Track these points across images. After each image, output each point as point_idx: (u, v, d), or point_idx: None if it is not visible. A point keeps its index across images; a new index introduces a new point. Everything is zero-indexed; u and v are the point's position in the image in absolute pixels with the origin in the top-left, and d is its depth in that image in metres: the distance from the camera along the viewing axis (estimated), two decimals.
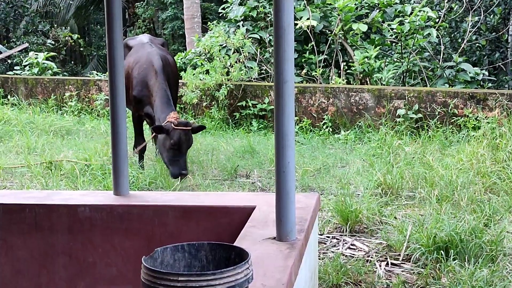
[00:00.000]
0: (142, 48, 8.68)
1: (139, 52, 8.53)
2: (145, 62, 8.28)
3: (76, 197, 4.10)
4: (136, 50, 8.66)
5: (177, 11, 22.07)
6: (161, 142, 7.61)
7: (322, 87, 10.82)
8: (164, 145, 7.53)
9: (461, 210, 6.11)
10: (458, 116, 9.72)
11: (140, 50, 8.62)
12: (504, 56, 14.21)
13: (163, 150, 7.56)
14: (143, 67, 8.24)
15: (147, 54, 8.41)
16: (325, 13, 12.77)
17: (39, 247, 3.86)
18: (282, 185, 3.19)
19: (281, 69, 3.11)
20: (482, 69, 12.04)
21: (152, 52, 8.52)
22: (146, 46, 8.75)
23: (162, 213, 3.78)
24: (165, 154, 7.53)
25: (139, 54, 8.47)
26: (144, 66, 8.24)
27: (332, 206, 6.23)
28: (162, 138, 7.56)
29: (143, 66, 8.24)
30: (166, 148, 7.52)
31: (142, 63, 8.29)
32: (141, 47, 8.71)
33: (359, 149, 9.09)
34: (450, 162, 7.62)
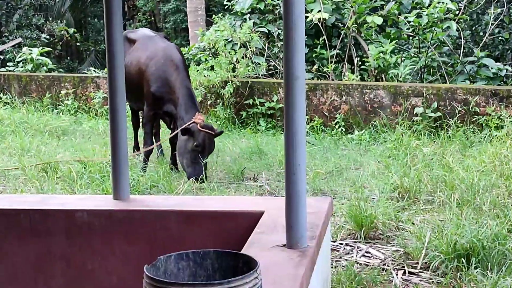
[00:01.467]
0: (151, 41, 8.69)
1: (150, 46, 8.54)
2: (162, 57, 8.32)
3: (73, 202, 4.11)
4: (144, 44, 8.66)
5: (180, 3, 22.10)
6: (183, 143, 7.80)
7: (334, 84, 10.81)
8: (186, 146, 7.75)
9: (483, 215, 6.10)
10: (480, 114, 9.70)
11: (150, 44, 8.63)
12: None
13: (185, 151, 7.77)
14: (160, 62, 8.27)
15: (163, 49, 8.45)
16: (337, 5, 12.76)
17: (35, 253, 3.87)
18: (292, 189, 3.19)
19: (291, 64, 3.11)
20: (505, 64, 12.03)
21: (170, 46, 8.63)
22: (156, 40, 8.79)
23: (165, 218, 3.78)
24: (186, 156, 7.76)
25: (152, 48, 8.50)
26: (161, 61, 8.27)
27: (346, 211, 6.23)
28: (184, 139, 7.77)
29: (160, 61, 8.28)
30: (188, 149, 7.74)
31: (159, 58, 8.32)
32: (150, 41, 8.72)
33: (374, 150, 9.08)
34: (472, 163, 7.61)
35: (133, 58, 8.57)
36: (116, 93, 4.06)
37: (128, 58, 8.53)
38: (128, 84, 8.29)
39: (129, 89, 8.42)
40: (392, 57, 11.49)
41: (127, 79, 8.18)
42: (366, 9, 12.20)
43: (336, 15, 12.63)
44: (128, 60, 8.50)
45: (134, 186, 7.21)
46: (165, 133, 10.22)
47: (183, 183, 7.52)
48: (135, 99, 8.64)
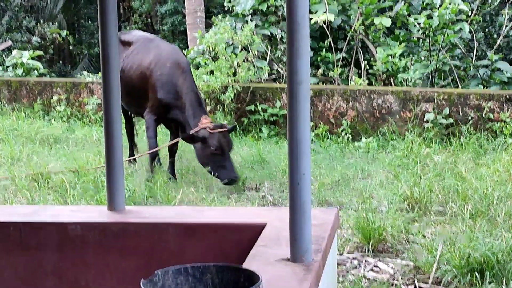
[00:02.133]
0: (152, 44, 8.71)
1: (153, 50, 8.55)
2: (168, 61, 8.35)
3: (66, 213, 4.11)
4: (145, 47, 8.66)
5: (178, 4, 22.13)
6: (200, 151, 7.91)
7: (341, 89, 10.82)
8: (205, 153, 7.85)
9: (498, 227, 6.09)
10: (494, 121, 9.70)
11: (151, 47, 8.64)
12: None
13: (205, 158, 7.89)
14: (166, 66, 8.30)
15: (168, 52, 8.49)
16: (343, 6, 12.78)
17: (26, 268, 3.87)
18: (297, 199, 3.19)
19: (295, 68, 3.11)
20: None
21: (174, 49, 8.71)
22: (157, 42, 8.83)
23: (162, 230, 3.78)
24: (209, 162, 7.87)
25: (155, 52, 8.51)
26: (167, 65, 8.30)
27: (353, 222, 6.22)
28: (200, 146, 7.88)
29: (166, 65, 8.30)
30: (208, 155, 7.84)
31: (163, 61, 8.35)
32: (151, 43, 8.74)
33: (383, 159, 9.08)
34: (485, 173, 7.60)
35: (133, 61, 8.56)
36: (111, 99, 4.06)
37: (126, 62, 8.53)
38: (126, 89, 8.37)
39: (127, 94, 8.49)
40: (401, 61, 11.49)
41: (125, 83, 8.26)
42: (374, 10, 12.21)
43: (342, 17, 12.64)
44: (126, 64, 8.51)
45: (129, 197, 7.21)
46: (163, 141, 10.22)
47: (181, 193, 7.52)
48: (135, 105, 8.65)
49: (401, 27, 12.70)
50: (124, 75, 8.32)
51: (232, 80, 11.40)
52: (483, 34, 13.49)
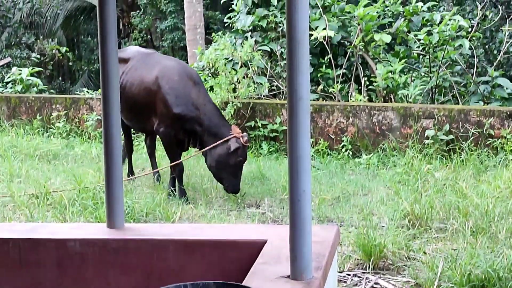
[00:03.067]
0: (151, 59, 8.71)
1: (156, 64, 8.55)
2: (176, 74, 8.35)
3: (65, 230, 4.10)
4: (144, 62, 8.64)
5: (178, 20, 22.21)
6: (222, 157, 7.98)
7: (341, 105, 10.84)
8: (227, 160, 7.94)
9: (499, 243, 6.08)
10: (495, 137, 9.71)
11: (152, 62, 8.62)
12: None
13: (226, 165, 7.96)
14: (174, 80, 8.29)
15: (174, 65, 8.51)
16: (343, 23, 12.82)
17: (25, 285, 3.86)
18: (297, 216, 3.18)
19: (295, 85, 3.12)
20: None
21: (180, 62, 8.76)
22: (156, 56, 8.85)
23: (162, 247, 3.77)
24: (228, 170, 7.98)
25: (160, 66, 8.50)
26: (175, 79, 8.30)
27: (353, 239, 6.22)
28: (224, 153, 7.96)
29: (174, 79, 8.30)
30: (231, 164, 7.96)
31: (171, 75, 8.35)
32: (149, 58, 8.74)
33: (383, 175, 9.07)
34: (486, 189, 7.60)
35: (133, 78, 8.54)
36: (111, 116, 4.06)
37: (125, 79, 8.53)
38: (128, 106, 8.39)
39: (129, 110, 8.50)
40: (402, 77, 11.51)
41: (126, 100, 8.29)
42: (374, 27, 12.25)
43: (342, 33, 12.68)
44: (126, 81, 8.50)
45: (129, 214, 7.21)
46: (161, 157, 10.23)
47: (180, 210, 7.52)
48: (138, 121, 8.64)
49: (401, 44, 12.73)
50: (124, 92, 8.33)
51: (232, 96, 11.42)
52: (483, 50, 13.53)
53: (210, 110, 8.21)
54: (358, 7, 12.53)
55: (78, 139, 12.41)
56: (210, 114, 8.17)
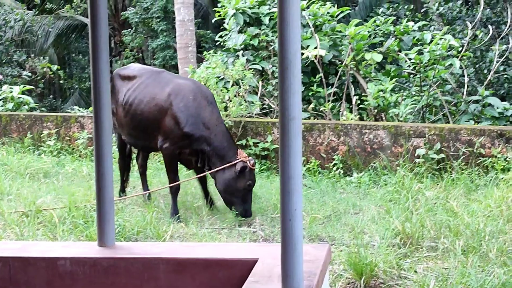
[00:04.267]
0: (163, 77, 8.70)
1: (168, 82, 8.55)
2: (190, 93, 8.36)
3: (55, 249, 4.08)
4: (156, 80, 8.61)
5: (169, 39, 22.26)
6: (231, 181, 8.09)
7: (332, 124, 10.86)
8: (237, 185, 8.05)
9: (490, 262, 6.09)
10: (485, 156, 9.73)
11: (164, 79, 8.61)
12: None
13: (235, 189, 8.08)
14: (188, 99, 8.30)
15: (189, 84, 8.54)
16: (334, 42, 12.88)
17: None
18: (288, 235, 3.18)
19: (287, 104, 3.12)
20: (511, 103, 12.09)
21: (195, 82, 8.82)
22: (168, 75, 8.88)
23: (153, 266, 3.76)
24: (238, 194, 8.10)
25: (173, 84, 8.50)
26: (190, 98, 8.31)
27: (344, 258, 6.21)
28: (232, 177, 8.06)
29: (188, 98, 8.31)
30: (240, 188, 8.06)
31: (185, 94, 8.35)
32: (159, 76, 8.73)
33: (374, 194, 9.08)
34: (477, 208, 7.61)
35: (143, 94, 8.52)
36: (102, 134, 4.05)
37: (133, 95, 8.51)
38: (134, 123, 8.41)
39: (135, 127, 8.51)
40: (392, 96, 11.55)
41: (135, 116, 8.35)
42: (365, 46, 12.31)
43: (334, 52, 12.74)
44: (134, 97, 8.49)
45: (120, 232, 7.19)
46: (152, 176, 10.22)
47: (172, 228, 7.50)
48: (144, 138, 8.61)
49: (392, 63, 12.79)
50: (131, 109, 8.38)
51: (224, 114, 11.42)
52: (474, 69, 13.59)
53: (221, 131, 8.27)
54: (349, 26, 12.60)
55: (69, 157, 12.38)
56: (220, 136, 8.24)
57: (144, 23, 23.23)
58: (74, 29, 24.76)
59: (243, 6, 13.07)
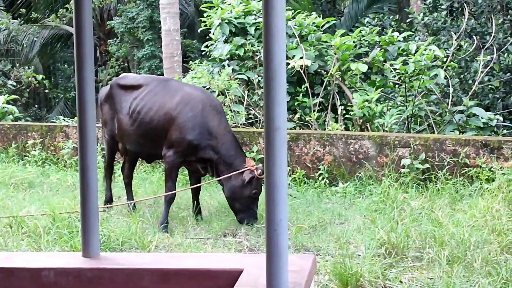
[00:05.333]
0: (172, 86, 8.73)
1: (178, 90, 8.59)
2: (199, 103, 8.41)
3: (39, 259, 4.06)
4: (164, 88, 8.63)
5: (155, 49, 22.25)
6: (238, 189, 8.21)
7: (318, 134, 10.86)
8: (243, 193, 8.16)
9: (475, 272, 6.10)
10: (470, 166, 9.76)
11: (173, 88, 8.65)
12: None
13: (241, 197, 8.21)
14: (198, 108, 8.35)
15: (199, 94, 8.57)
16: (320, 52, 12.90)
17: None
18: (274, 245, 3.18)
19: (272, 114, 3.13)
20: (496, 113, 12.14)
21: (204, 91, 8.86)
22: (178, 83, 8.92)
23: (137, 277, 3.74)
24: (243, 202, 8.23)
25: (182, 92, 8.54)
26: (199, 107, 8.36)
27: (330, 268, 6.21)
28: (240, 185, 8.19)
29: (197, 107, 8.36)
30: (245, 196, 8.19)
31: (194, 103, 8.40)
32: (168, 84, 8.76)
33: (360, 204, 9.09)
34: (462, 218, 7.63)
35: (152, 103, 8.53)
36: (87, 144, 4.04)
37: (141, 104, 8.51)
38: (141, 131, 8.44)
39: (142, 136, 8.50)
40: (378, 106, 11.57)
41: (142, 124, 8.40)
42: (350, 56, 12.34)
43: (319, 62, 12.76)
44: (142, 106, 8.50)
45: (104, 243, 7.16)
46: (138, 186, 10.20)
47: (157, 239, 7.48)
48: (150, 147, 8.63)
49: (377, 73, 12.82)
50: (139, 117, 8.41)
51: None
52: (459, 80, 13.64)
53: (228, 140, 8.38)
54: (334, 36, 12.64)
55: (53, 167, 12.33)
56: (227, 144, 8.34)
57: (130, 32, 23.21)
58: (59, 39, 24.71)
59: (229, 16, 13.08)
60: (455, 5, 15.54)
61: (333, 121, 11.87)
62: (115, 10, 24.94)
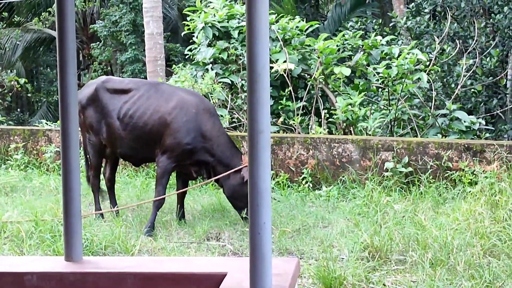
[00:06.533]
0: (166, 89, 8.73)
1: (173, 95, 8.60)
2: (194, 107, 8.47)
3: (22, 264, 4.04)
4: (157, 92, 8.64)
5: (138, 52, 22.21)
6: (238, 187, 8.33)
7: (301, 138, 10.88)
8: (242, 191, 8.23)
9: (458, 275, 6.12)
10: (453, 170, 9.80)
11: (167, 92, 8.66)
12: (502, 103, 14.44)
13: (241, 195, 8.28)
14: (191, 112, 8.40)
15: (192, 99, 8.61)
16: (303, 56, 12.92)
17: None
18: (257, 249, 3.18)
19: (256, 117, 3.13)
20: (479, 117, 12.21)
21: (198, 95, 8.93)
22: (167, 87, 8.92)
23: (121, 281, 3.73)
24: (245, 199, 8.06)
25: (177, 97, 8.56)
26: (193, 111, 8.41)
27: (313, 271, 6.21)
28: (237, 183, 8.32)
29: (191, 111, 8.41)
30: (245, 193, 8.09)
31: (188, 108, 8.44)
32: (164, 88, 8.77)
33: (343, 207, 9.10)
34: (445, 221, 7.65)
35: (146, 106, 8.53)
36: (70, 147, 4.02)
37: (133, 107, 8.48)
38: (137, 134, 8.42)
39: (136, 139, 8.48)
40: (361, 110, 11.60)
41: (135, 129, 8.40)
42: (334, 60, 12.36)
43: (302, 66, 12.78)
44: (135, 109, 8.47)
45: (87, 247, 7.13)
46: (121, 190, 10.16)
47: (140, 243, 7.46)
48: (143, 151, 8.62)
49: (361, 77, 12.85)
50: (132, 121, 8.41)
51: None
52: (441, 83, 13.70)
53: (223, 141, 8.46)
54: (318, 40, 12.66)
55: (36, 171, 12.28)
56: (223, 146, 8.42)
57: (113, 36, 23.15)
58: (42, 42, 24.62)
59: (212, 20, 13.08)
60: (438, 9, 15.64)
61: (316, 124, 11.89)
62: (98, 13, 24.88)
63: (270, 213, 3.19)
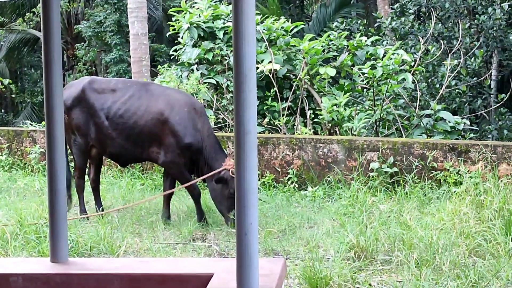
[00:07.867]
0: (155, 89, 8.77)
1: (162, 95, 8.64)
2: (185, 105, 8.53)
3: (7, 265, 4.02)
4: (148, 91, 8.67)
5: (123, 53, 22.16)
6: (218, 191, 8.31)
7: (287, 138, 10.89)
8: (222, 194, 8.24)
9: (443, 275, 6.14)
10: (438, 170, 9.83)
11: (156, 91, 8.71)
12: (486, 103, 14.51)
13: (222, 198, 8.28)
14: (184, 111, 8.46)
15: (182, 97, 8.67)
16: (289, 56, 12.93)
17: None
18: (244, 249, 3.17)
19: (242, 118, 3.12)
20: (463, 117, 12.25)
21: (187, 94, 9.00)
22: (157, 87, 8.98)
23: (107, 282, 3.72)
24: (225, 203, 8.28)
25: (166, 97, 8.60)
26: (185, 110, 8.47)
27: (299, 272, 6.22)
28: (219, 187, 8.27)
29: (184, 110, 8.46)
30: (226, 197, 8.24)
31: (180, 106, 8.49)
32: (153, 88, 8.79)
33: (329, 207, 9.12)
34: (430, 221, 7.68)
35: (137, 106, 8.54)
36: (55, 148, 4.00)
37: (125, 107, 8.49)
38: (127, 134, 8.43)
39: (126, 139, 8.46)
40: (346, 110, 11.62)
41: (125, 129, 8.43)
42: (319, 60, 12.38)
43: (288, 66, 12.79)
44: (125, 109, 8.48)
45: (73, 248, 7.11)
46: (106, 191, 10.14)
47: (125, 244, 7.44)
48: (136, 150, 8.63)
49: (346, 77, 12.88)
50: (122, 121, 8.39)
51: None
52: (426, 84, 13.75)
53: (211, 142, 8.51)
54: (303, 41, 12.68)
55: (21, 172, 12.23)
56: (210, 147, 8.46)
57: (98, 37, 23.09)
58: (26, 43, 24.53)
59: (197, 20, 13.07)
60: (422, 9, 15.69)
61: (302, 125, 11.90)
62: (83, 14, 24.81)
63: (257, 214, 3.19)
